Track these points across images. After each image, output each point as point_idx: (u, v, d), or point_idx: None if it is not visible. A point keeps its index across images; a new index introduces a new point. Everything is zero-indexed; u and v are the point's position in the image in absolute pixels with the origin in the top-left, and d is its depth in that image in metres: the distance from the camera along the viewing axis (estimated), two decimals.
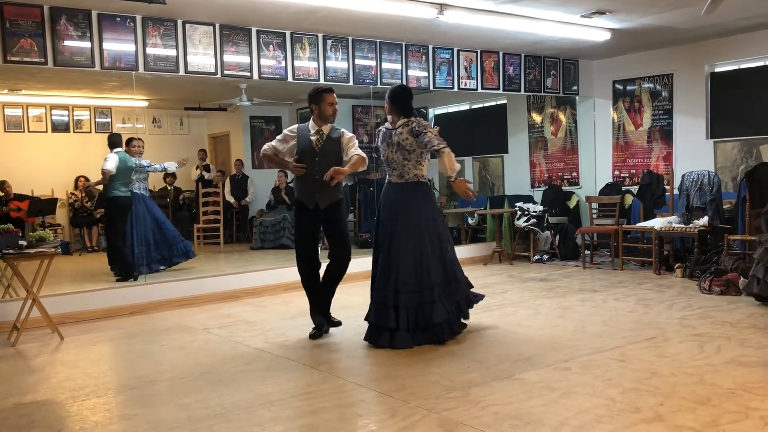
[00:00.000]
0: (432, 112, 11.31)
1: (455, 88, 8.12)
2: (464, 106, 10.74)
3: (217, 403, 3.48)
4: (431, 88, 7.99)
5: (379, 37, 7.34)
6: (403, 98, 4.82)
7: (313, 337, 4.84)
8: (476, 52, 8.18)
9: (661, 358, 4.00)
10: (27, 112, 10.63)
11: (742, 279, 5.74)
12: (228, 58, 6.48)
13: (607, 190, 8.83)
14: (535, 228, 8.57)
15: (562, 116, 9.65)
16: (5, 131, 10.49)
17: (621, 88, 9.03)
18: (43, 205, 9.31)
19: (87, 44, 5.75)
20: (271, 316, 5.74)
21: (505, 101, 10.20)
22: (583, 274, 7.47)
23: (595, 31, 7.28)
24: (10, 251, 4.95)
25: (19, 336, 5.08)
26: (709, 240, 7.08)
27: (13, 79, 8.32)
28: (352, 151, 4.77)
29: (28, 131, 10.66)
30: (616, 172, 9.14)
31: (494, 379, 3.69)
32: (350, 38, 7.22)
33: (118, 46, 5.90)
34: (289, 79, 6.88)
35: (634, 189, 8.43)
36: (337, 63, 7.16)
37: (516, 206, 8.84)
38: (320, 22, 6.57)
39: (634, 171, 8.89)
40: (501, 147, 10.38)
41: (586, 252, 8.12)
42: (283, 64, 6.82)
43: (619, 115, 9.07)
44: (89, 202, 10.40)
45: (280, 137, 5.01)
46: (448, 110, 10.93)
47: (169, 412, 3.40)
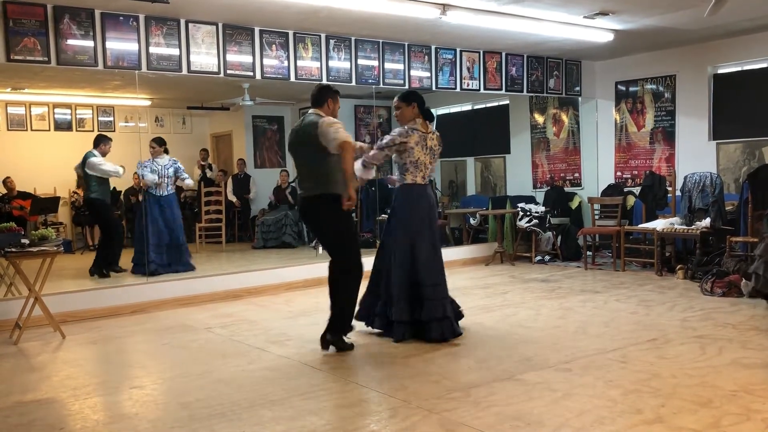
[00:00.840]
0: (434, 113, 11.30)
1: (458, 89, 8.12)
2: (467, 107, 10.74)
3: (219, 403, 3.48)
4: (433, 89, 7.98)
5: (382, 37, 7.34)
6: (424, 104, 4.97)
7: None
8: (479, 53, 8.18)
9: (663, 360, 4.00)
10: (30, 111, 10.66)
11: (744, 281, 5.73)
12: (231, 57, 6.48)
13: (609, 191, 8.82)
14: (537, 229, 8.56)
15: (564, 117, 9.65)
16: (8, 129, 10.53)
17: (623, 89, 9.02)
18: (46, 204, 9.32)
19: (90, 43, 5.76)
20: (273, 316, 5.75)
21: (508, 102, 10.20)
22: (585, 275, 7.47)
23: (598, 32, 7.28)
24: (13, 249, 4.96)
25: (21, 334, 5.09)
26: (711, 241, 7.07)
27: (16, 78, 8.34)
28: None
29: (31, 130, 10.69)
30: (619, 173, 9.13)
31: (495, 380, 3.69)
32: (353, 38, 7.22)
33: (121, 45, 5.91)
34: (292, 78, 6.88)
35: (636, 190, 8.42)
36: (340, 63, 7.16)
37: (518, 207, 8.84)
38: (323, 22, 6.57)
39: (637, 172, 8.88)
40: (503, 147, 10.38)
41: (588, 253, 8.11)
42: (286, 63, 6.82)
43: (622, 116, 9.07)
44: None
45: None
46: (450, 111, 10.92)
47: (171, 411, 3.41)
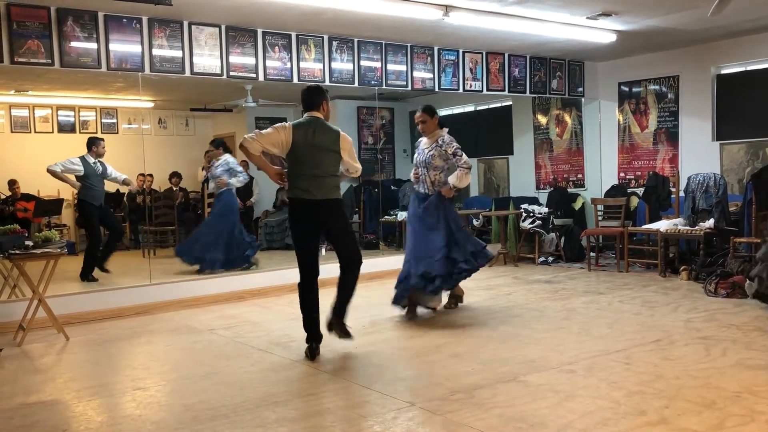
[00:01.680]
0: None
1: (460, 90, 8.12)
2: (469, 108, 10.74)
3: (222, 404, 3.48)
4: (436, 90, 7.99)
5: (385, 38, 7.34)
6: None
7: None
8: (482, 54, 8.18)
9: (666, 361, 3.99)
10: (33, 113, 10.68)
11: (748, 282, 5.72)
12: (234, 59, 6.50)
13: (613, 192, 8.80)
14: (540, 230, 8.55)
15: (567, 118, 9.64)
16: (12, 132, 10.55)
17: (627, 89, 9.01)
18: (49, 206, 9.33)
19: (93, 45, 5.77)
20: (276, 317, 5.75)
21: (511, 103, 10.19)
22: (588, 276, 7.46)
23: (601, 33, 7.27)
24: (17, 251, 4.97)
25: (25, 336, 5.10)
26: (715, 242, 7.05)
27: (19, 80, 8.36)
28: None
29: (35, 132, 10.71)
30: (622, 174, 9.12)
31: (498, 381, 3.69)
32: (356, 39, 7.23)
33: (124, 47, 5.92)
34: (295, 80, 6.88)
35: (640, 191, 8.41)
36: (343, 64, 7.16)
37: (521, 208, 8.83)
38: (326, 24, 6.58)
39: (640, 173, 8.86)
40: (506, 148, 10.37)
41: (591, 254, 8.10)
42: (289, 65, 6.83)
43: (625, 117, 9.05)
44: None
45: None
46: (453, 112, 10.92)
47: (174, 413, 3.41)
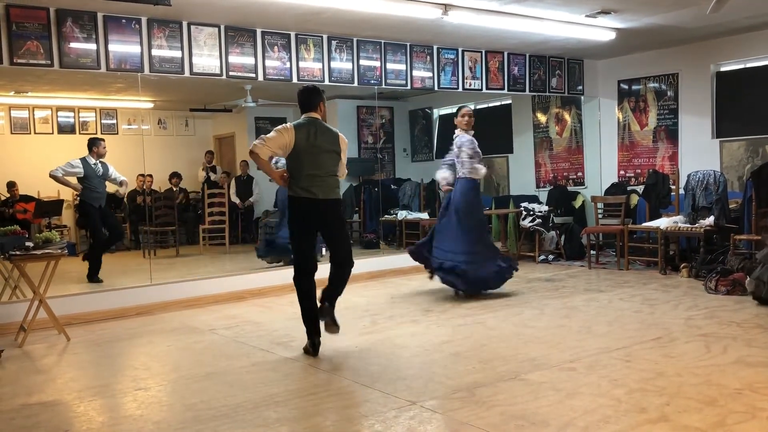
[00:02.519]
0: (437, 113, 11.32)
1: (460, 89, 8.12)
2: (469, 106, 10.72)
3: (223, 404, 3.49)
4: (436, 89, 7.99)
5: (384, 37, 7.34)
6: None
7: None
8: (481, 53, 8.18)
9: (667, 359, 3.99)
10: (33, 114, 10.69)
11: (748, 279, 5.72)
12: (233, 59, 6.49)
13: (613, 189, 8.80)
14: (541, 228, 8.55)
15: (567, 116, 9.64)
16: (12, 133, 10.56)
17: (626, 87, 9.01)
18: (49, 207, 9.34)
19: (93, 46, 5.77)
20: (277, 317, 5.75)
21: (510, 101, 10.20)
22: (589, 274, 7.46)
23: (600, 31, 7.27)
24: (17, 252, 4.97)
25: (26, 337, 5.10)
26: (715, 240, 7.05)
27: (19, 81, 8.37)
28: None
29: (35, 133, 10.72)
30: (622, 172, 9.12)
31: (500, 380, 3.69)
32: (355, 39, 7.22)
33: (123, 47, 5.92)
34: (294, 80, 6.88)
35: (640, 189, 8.41)
36: (342, 64, 7.16)
37: (521, 206, 8.83)
38: (325, 23, 6.58)
39: (640, 171, 8.86)
40: (506, 147, 10.37)
41: (592, 252, 8.10)
42: (288, 65, 6.83)
43: (625, 115, 9.05)
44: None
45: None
46: (453, 110, 10.90)
47: (175, 413, 3.41)
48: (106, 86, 8.57)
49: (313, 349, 4.41)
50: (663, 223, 7.26)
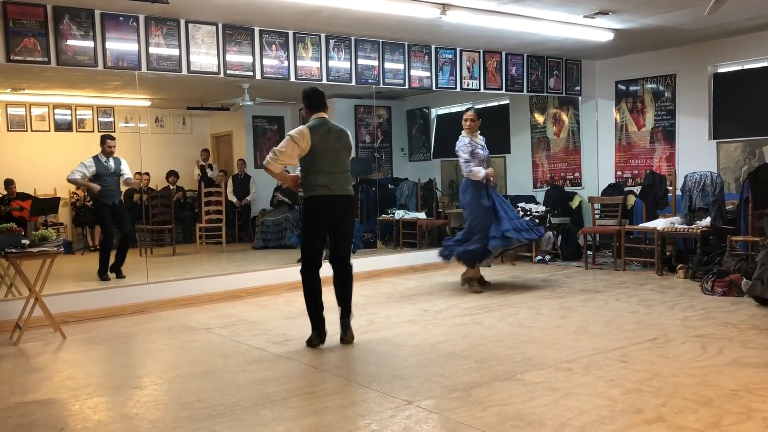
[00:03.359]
0: (434, 112, 11.32)
1: (458, 89, 8.12)
2: (467, 106, 10.73)
3: (219, 403, 3.48)
4: (434, 88, 7.99)
5: (382, 37, 7.34)
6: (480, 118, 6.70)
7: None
8: (479, 53, 8.18)
9: (664, 359, 4.00)
10: (30, 112, 10.66)
11: (744, 280, 5.73)
12: (231, 57, 6.49)
13: (610, 190, 8.81)
14: None
15: (564, 116, 9.64)
16: (8, 130, 10.53)
17: (624, 88, 9.02)
18: (46, 204, 9.32)
19: (90, 44, 5.76)
20: (273, 316, 5.75)
21: (508, 101, 10.20)
22: (585, 274, 7.47)
23: (598, 32, 7.28)
24: (13, 250, 4.96)
25: (22, 335, 5.09)
26: (712, 241, 7.06)
27: (16, 79, 8.35)
28: None
29: (31, 130, 10.69)
30: (619, 173, 9.13)
31: (496, 380, 3.69)
32: (353, 38, 7.22)
33: (121, 45, 5.91)
34: (292, 79, 6.88)
35: (637, 189, 8.41)
36: (340, 63, 7.16)
37: (518, 206, 8.83)
38: (323, 22, 6.57)
39: (637, 171, 8.87)
40: (503, 147, 10.37)
41: (589, 252, 8.11)
42: (286, 63, 6.82)
43: (622, 116, 9.06)
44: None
45: None
46: (450, 110, 10.93)
47: (171, 412, 3.41)
48: (104, 84, 8.55)
49: (317, 338, 4.56)
50: (660, 224, 7.27)
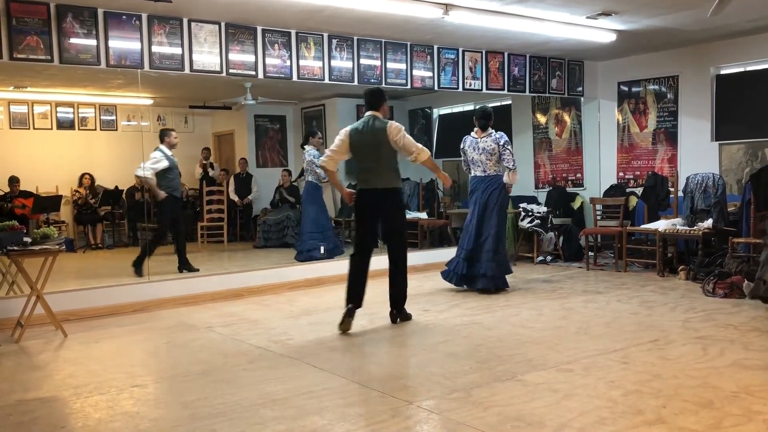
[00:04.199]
0: (436, 113, 11.31)
1: (460, 89, 8.12)
2: (469, 107, 10.73)
3: (220, 402, 3.49)
4: (436, 88, 7.98)
5: (385, 36, 7.34)
6: (483, 118, 6.53)
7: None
8: (481, 53, 8.17)
9: (664, 361, 3.99)
10: (32, 109, 10.67)
11: (746, 282, 5.72)
12: (233, 56, 6.49)
13: (612, 191, 8.81)
14: (539, 229, 8.55)
15: (566, 117, 9.64)
16: (11, 128, 10.55)
17: (626, 89, 9.01)
18: (48, 202, 9.34)
19: (93, 42, 5.76)
20: (275, 315, 5.75)
21: (510, 102, 10.19)
22: (587, 275, 7.46)
23: (601, 33, 7.27)
24: (15, 248, 4.97)
25: (23, 333, 5.10)
26: (714, 242, 7.05)
27: (18, 76, 8.35)
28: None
29: (34, 128, 10.71)
30: (621, 174, 9.12)
31: (496, 380, 3.69)
32: (355, 38, 7.22)
33: (123, 44, 5.91)
34: (294, 78, 6.88)
35: (639, 191, 8.41)
36: (342, 62, 7.16)
37: (520, 207, 8.83)
38: (325, 22, 6.58)
39: (639, 173, 8.87)
40: None
41: (590, 253, 8.10)
42: (288, 63, 6.82)
43: (624, 117, 9.06)
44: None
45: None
46: (452, 110, 10.92)
47: (172, 411, 3.41)
48: (106, 82, 8.56)
49: (348, 314, 4.94)
50: (661, 225, 7.27)
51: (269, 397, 3.53)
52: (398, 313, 5.27)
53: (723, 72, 8.13)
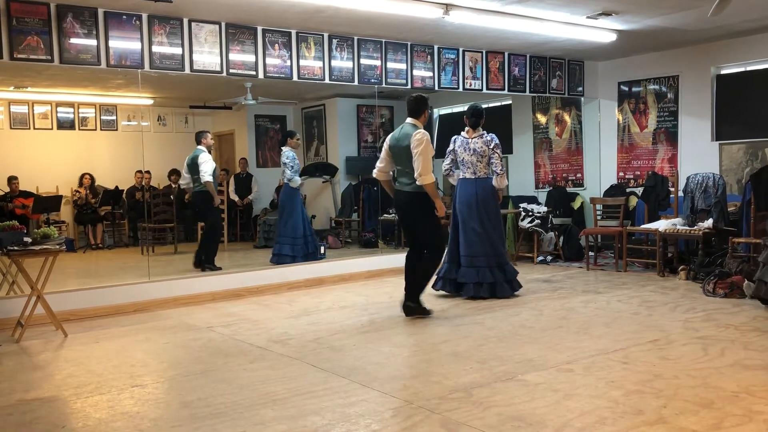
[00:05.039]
0: (437, 113, 11.30)
1: (460, 89, 8.12)
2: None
3: (220, 402, 3.49)
4: (436, 89, 7.98)
5: (385, 36, 7.34)
6: (474, 116, 6.24)
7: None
8: (481, 53, 8.18)
9: (665, 361, 3.99)
10: (33, 110, 10.67)
11: (746, 282, 5.72)
12: (233, 56, 6.49)
13: (612, 191, 8.81)
14: (539, 229, 8.55)
15: (567, 117, 9.64)
16: (11, 128, 10.54)
17: (626, 89, 9.01)
18: (48, 203, 9.33)
19: (93, 42, 5.76)
20: (275, 315, 5.75)
21: (510, 102, 10.19)
22: (587, 275, 7.46)
23: (601, 33, 7.27)
24: (15, 248, 4.97)
25: (23, 333, 5.10)
26: (714, 242, 7.05)
27: (19, 76, 8.35)
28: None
29: (34, 128, 10.70)
30: (621, 174, 9.12)
31: (497, 380, 3.69)
32: (356, 38, 7.22)
33: (124, 44, 5.91)
34: (295, 78, 6.88)
35: (639, 191, 8.41)
36: (343, 62, 7.16)
37: (520, 207, 8.83)
38: (326, 22, 6.58)
39: (639, 173, 8.87)
40: (505, 148, 10.28)
41: (590, 253, 8.10)
42: (289, 63, 6.82)
43: (624, 117, 9.06)
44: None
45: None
46: (453, 110, 10.92)
47: (172, 410, 3.41)
48: (106, 82, 8.56)
49: (401, 305, 5.44)
50: (662, 225, 7.27)
51: (270, 397, 3.53)
52: (413, 305, 5.40)
53: (723, 72, 8.13)
